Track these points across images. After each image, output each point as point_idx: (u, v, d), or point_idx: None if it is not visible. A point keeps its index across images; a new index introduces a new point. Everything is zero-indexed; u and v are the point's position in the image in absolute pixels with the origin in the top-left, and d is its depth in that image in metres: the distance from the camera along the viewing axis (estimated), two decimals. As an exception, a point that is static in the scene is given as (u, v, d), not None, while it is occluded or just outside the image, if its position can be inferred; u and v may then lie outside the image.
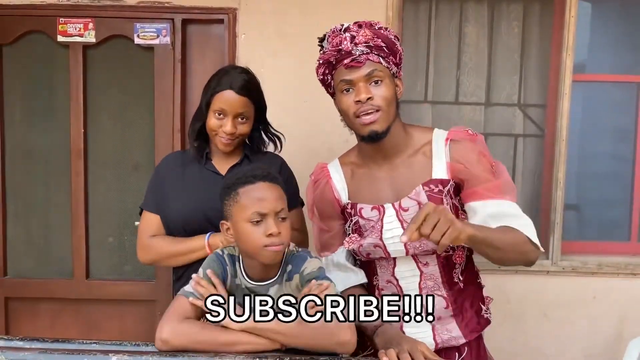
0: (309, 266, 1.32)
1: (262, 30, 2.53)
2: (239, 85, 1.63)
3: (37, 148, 2.70)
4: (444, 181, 1.43)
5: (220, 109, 1.62)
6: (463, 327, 1.49)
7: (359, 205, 1.49)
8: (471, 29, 2.70)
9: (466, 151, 1.43)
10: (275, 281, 1.34)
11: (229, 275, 1.35)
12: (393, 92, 1.42)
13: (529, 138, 2.75)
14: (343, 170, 1.56)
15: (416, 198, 1.43)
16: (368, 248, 1.46)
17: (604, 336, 2.70)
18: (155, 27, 2.57)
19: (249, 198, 1.27)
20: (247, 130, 1.68)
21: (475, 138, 1.46)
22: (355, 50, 1.38)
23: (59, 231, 2.73)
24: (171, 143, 2.62)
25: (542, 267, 2.63)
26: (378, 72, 1.39)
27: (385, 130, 1.40)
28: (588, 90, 2.81)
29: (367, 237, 1.46)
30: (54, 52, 2.63)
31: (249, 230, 1.27)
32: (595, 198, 2.84)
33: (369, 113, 1.38)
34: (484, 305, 1.56)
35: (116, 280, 2.72)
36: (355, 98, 1.38)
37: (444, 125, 2.63)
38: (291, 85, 2.52)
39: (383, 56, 1.40)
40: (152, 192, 1.75)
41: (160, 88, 2.61)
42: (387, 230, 1.44)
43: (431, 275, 1.47)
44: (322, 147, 2.51)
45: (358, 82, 1.39)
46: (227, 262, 1.36)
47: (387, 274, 1.50)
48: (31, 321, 2.78)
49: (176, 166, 1.74)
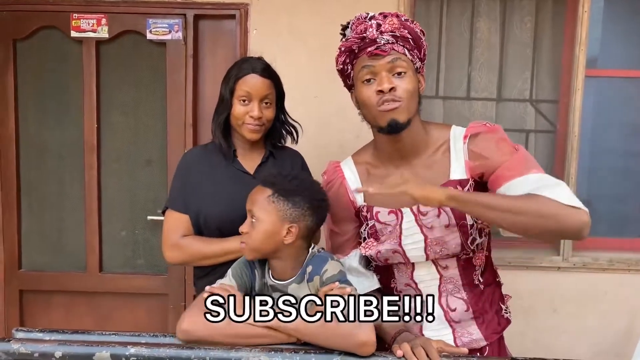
0: (330, 269, 1.31)
1: (274, 25, 2.54)
2: (261, 68, 1.66)
3: (51, 143, 2.72)
4: (463, 181, 1.37)
5: (246, 93, 1.63)
6: (484, 329, 1.45)
7: (375, 209, 1.43)
8: (483, 24, 2.69)
9: (484, 141, 1.37)
10: (294, 280, 1.35)
11: (257, 277, 1.38)
12: (416, 86, 1.36)
13: (540, 134, 2.74)
14: (358, 170, 1.49)
15: None
16: (386, 254, 1.41)
17: (614, 332, 2.69)
18: (168, 22, 2.58)
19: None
20: (272, 116, 1.68)
21: (493, 128, 1.40)
22: (381, 38, 1.32)
23: (72, 225, 2.75)
24: (183, 138, 2.63)
25: (553, 263, 2.63)
26: (402, 63, 1.33)
27: (406, 121, 1.34)
28: (599, 86, 2.80)
29: (384, 242, 1.41)
30: (67, 48, 2.65)
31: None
32: (607, 194, 2.83)
33: (390, 102, 1.32)
34: (503, 305, 1.53)
35: (129, 274, 2.74)
36: (378, 87, 1.32)
37: (455, 120, 2.67)
38: (302, 81, 2.53)
39: (408, 48, 1.34)
40: (179, 191, 1.70)
41: (172, 83, 2.62)
42: (406, 236, 1.38)
43: (451, 279, 1.43)
44: (333, 143, 2.51)
45: (381, 71, 1.32)
46: (256, 265, 1.39)
47: (406, 278, 1.46)
48: (45, 313, 2.81)
49: (202, 164, 1.71)
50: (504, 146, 1.36)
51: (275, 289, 1.36)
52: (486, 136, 1.38)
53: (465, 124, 2.44)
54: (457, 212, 1.35)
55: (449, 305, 1.44)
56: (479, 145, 1.37)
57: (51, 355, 1.21)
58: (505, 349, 1.54)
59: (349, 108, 2.49)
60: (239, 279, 1.37)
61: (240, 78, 1.64)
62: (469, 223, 1.36)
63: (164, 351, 1.22)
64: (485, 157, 1.35)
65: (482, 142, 1.37)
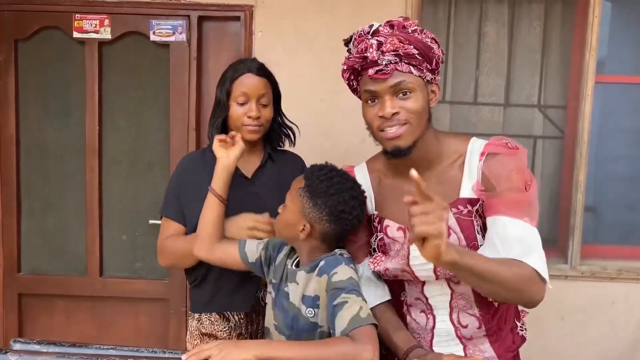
0: (340, 273, 1.28)
1: (279, 27, 2.50)
2: (257, 67, 1.64)
3: (52, 145, 2.69)
4: (473, 200, 1.29)
5: (243, 93, 1.60)
6: (497, 347, 1.39)
7: (385, 222, 1.38)
8: (491, 28, 2.65)
9: (499, 166, 1.27)
10: (303, 268, 1.35)
11: (283, 254, 1.43)
12: (423, 103, 1.28)
13: (548, 140, 2.71)
14: (370, 177, 1.44)
15: None
16: (395, 272, 1.36)
17: (622, 341, 2.66)
18: (171, 24, 2.54)
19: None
20: (270, 115, 1.66)
21: (515, 152, 1.29)
22: (382, 59, 1.24)
23: (73, 228, 2.72)
24: (186, 141, 2.60)
25: (561, 271, 2.59)
26: (407, 84, 1.25)
27: (410, 145, 1.27)
28: (606, 91, 2.76)
29: (393, 259, 1.35)
30: (70, 49, 2.62)
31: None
32: (616, 201, 2.79)
33: (393, 127, 1.26)
34: (519, 322, 1.47)
35: (130, 278, 2.71)
36: (379, 113, 1.26)
37: (461, 126, 2.63)
38: (307, 84, 2.49)
39: (415, 64, 1.25)
40: (172, 199, 1.68)
41: (176, 86, 2.59)
42: (415, 257, 1.30)
43: (463, 295, 1.36)
44: (338, 147, 2.48)
45: (384, 94, 1.26)
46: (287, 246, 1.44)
47: (416, 292, 1.40)
48: (45, 318, 2.78)
49: (197, 170, 1.67)
50: (517, 180, 1.26)
51: (289, 274, 1.39)
52: (503, 160, 1.28)
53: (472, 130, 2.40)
54: (466, 233, 1.29)
55: (460, 322, 1.38)
56: (493, 170, 1.28)
57: (49, 368, 1.18)
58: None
59: (354, 112, 2.47)
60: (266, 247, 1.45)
61: (236, 79, 1.62)
62: (480, 244, 1.29)
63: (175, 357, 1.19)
64: (493, 186, 1.26)
65: (496, 166, 1.28)
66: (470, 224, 1.29)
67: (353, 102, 2.53)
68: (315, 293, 1.31)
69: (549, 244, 2.72)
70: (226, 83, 1.64)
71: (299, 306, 1.33)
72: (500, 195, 1.25)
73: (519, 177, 1.26)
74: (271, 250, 1.45)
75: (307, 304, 1.32)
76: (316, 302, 1.31)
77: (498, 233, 1.22)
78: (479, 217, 1.30)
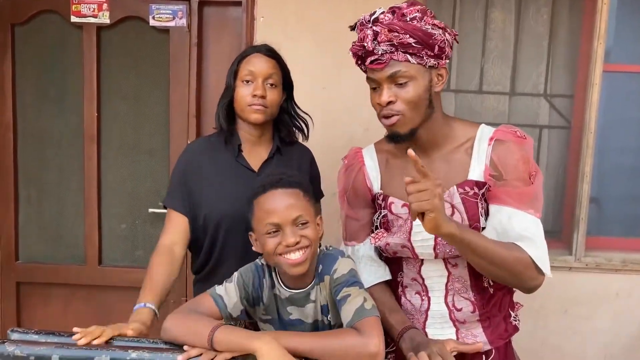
0: (340, 268, 1.27)
1: (281, 13, 2.45)
2: (266, 48, 1.62)
3: (50, 132, 2.65)
4: (480, 183, 1.33)
5: (249, 72, 1.57)
6: (489, 333, 1.41)
7: (389, 199, 1.41)
8: (497, 15, 2.60)
9: (507, 153, 1.33)
10: (313, 285, 1.30)
11: (266, 287, 1.33)
12: (422, 90, 1.30)
13: (554, 130, 2.67)
14: (378, 158, 1.48)
15: (450, 200, 1.33)
16: (395, 247, 1.39)
17: (626, 334, 2.64)
18: (171, 8, 2.49)
19: (262, 210, 1.25)
20: (277, 99, 1.61)
21: (522, 141, 1.35)
22: (378, 49, 1.27)
23: (71, 216, 2.69)
24: (186, 129, 2.56)
25: (565, 263, 2.56)
26: (403, 73, 1.28)
27: (407, 133, 1.32)
28: (612, 80, 2.71)
29: (394, 234, 1.39)
30: (67, 33, 2.57)
31: (266, 241, 1.25)
32: (621, 193, 2.75)
33: (389, 116, 1.31)
34: (513, 312, 1.49)
35: (128, 267, 2.68)
36: (377, 100, 1.32)
37: (466, 115, 2.59)
38: (309, 71, 2.45)
39: (412, 53, 1.27)
40: (178, 189, 1.61)
41: (176, 72, 2.55)
42: (417, 233, 1.34)
43: (459, 278, 1.39)
44: (341, 136, 2.44)
45: (382, 83, 1.30)
46: (265, 273, 1.33)
47: (413, 272, 1.42)
48: (43, 306, 2.76)
49: (204, 158, 1.63)
50: (523, 169, 1.32)
51: (292, 301, 1.31)
52: (511, 148, 1.33)
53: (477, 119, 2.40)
54: (470, 213, 1.33)
55: (455, 305, 1.40)
56: (501, 156, 1.33)
57: (48, 358, 1.16)
58: (512, 354, 1.51)
59: (358, 100, 2.45)
60: (243, 290, 1.31)
61: (244, 58, 1.60)
62: (482, 226, 1.33)
63: (167, 356, 1.16)
64: (500, 172, 1.32)
65: (505, 153, 1.33)
66: (474, 205, 1.32)
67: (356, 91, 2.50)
68: (326, 299, 1.30)
69: (553, 236, 2.71)
70: (234, 65, 1.61)
71: (319, 318, 1.32)
72: (506, 185, 1.30)
73: (525, 167, 1.32)
74: (252, 291, 1.32)
75: (325, 312, 1.31)
76: (329, 307, 1.31)
77: (502, 222, 1.29)
78: (484, 201, 1.34)
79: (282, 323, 1.34)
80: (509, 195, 1.30)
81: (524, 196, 1.30)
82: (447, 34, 1.32)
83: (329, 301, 1.30)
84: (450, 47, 1.34)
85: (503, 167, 1.31)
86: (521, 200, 1.30)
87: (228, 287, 1.31)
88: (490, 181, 1.33)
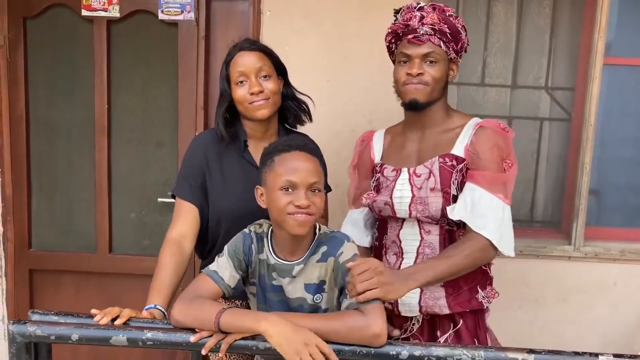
0: (346, 252, 1.32)
1: (288, 7, 2.49)
2: (248, 43, 1.64)
3: (61, 123, 2.70)
4: (459, 158, 1.57)
5: (240, 72, 1.59)
6: (451, 299, 1.57)
7: (384, 166, 1.68)
8: (500, 8, 2.63)
9: (485, 139, 1.55)
10: (302, 261, 1.33)
11: (253, 252, 1.36)
12: (444, 74, 1.59)
13: (555, 122, 2.70)
14: (385, 136, 1.77)
15: (430, 167, 1.57)
16: (380, 204, 1.63)
17: (624, 322, 2.68)
18: (180, 2, 2.54)
19: (283, 166, 1.29)
20: (275, 87, 1.62)
21: (503, 132, 1.58)
22: (421, 29, 1.54)
23: (82, 205, 2.75)
24: (194, 121, 2.61)
25: (564, 252, 2.61)
26: (435, 54, 1.55)
27: (424, 102, 1.57)
28: (612, 73, 2.74)
29: (381, 194, 1.63)
30: (78, 27, 2.61)
31: (278, 197, 1.28)
32: (620, 184, 2.79)
33: (416, 84, 1.55)
34: (482, 291, 1.61)
35: (138, 255, 2.74)
36: (408, 70, 1.56)
37: (468, 107, 2.63)
38: (315, 65, 2.49)
39: (444, 41, 1.56)
40: (187, 179, 1.65)
41: (184, 65, 2.59)
42: (397, 190, 1.60)
43: (430, 243, 1.59)
44: (344, 128, 2.49)
45: (415, 57, 1.55)
46: (253, 239, 1.37)
47: (394, 234, 1.65)
48: (55, 293, 2.83)
49: (211, 151, 1.66)
50: (497, 154, 1.54)
51: (276, 268, 1.34)
52: (490, 135, 1.56)
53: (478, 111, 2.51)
54: (443, 178, 1.55)
55: None
56: (480, 139, 1.56)
57: (67, 338, 1.22)
58: (484, 327, 1.64)
59: (362, 93, 2.50)
60: (235, 259, 1.35)
61: (230, 61, 1.62)
62: (453, 193, 1.55)
63: (181, 336, 1.22)
64: (476, 152, 1.54)
65: (483, 137, 1.56)
66: (448, 173, 1.55)
67: (360, 84, 2.55)
68: (320, 279, 1.33)
69: (552, 226, 2.76)
70: (223, 70, 1.63)
71: (303, 296, 1.34)
72: (482, 168, 1.52)
73: (499, 153, 1.54)
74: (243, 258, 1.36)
75: (313, 292, 1.34)
76: (322, 287, 1.34)
77: (473, 199, 1.50)
78: (459, 175, 1.55)
79: (262, 287, 1.37)
80: (483, 178, 1.51)
81: (496, 181, 1.51)
82: (467, 37, 1.63)
83: (326, 282, 1.33)
84: (465, 49, 1.64)
85: (479, 148, 1.54)
86: (493, 184, 1.51)
87: (220, 261, 1.35)
88: (468, 159, 1.55)
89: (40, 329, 1.23)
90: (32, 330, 1.22)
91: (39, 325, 1.24)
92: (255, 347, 1.19)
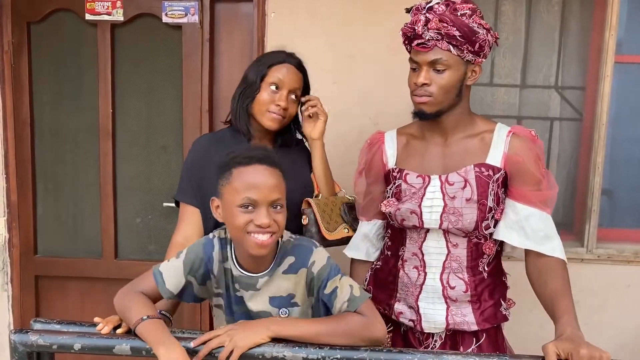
0: (318, 260, 1.26)
1: (292, 9, 2.47)
2: (298, 61, 1.67)
3: (66, 127, 2.69)
4: (496, 169, 1.47)
5: (278, 80, 1.61)
6: (478, 314, 1.50)
7: (405, 171, 1.54)
8: (508, 7, 2.60)
9: (526, 148, 1.46)
10: (266, 274, 1.26)
11: (216, 260, 1.29)
12: (455, 80, 1.44)
13: (566, 122, 2.66)
14: (397, 139, 1.62)
15: (464, 176, 1.47)
16: (405, 213, 1.50)
17: (637, 325, 2.63)
18: (184, 5, 2.52)
19: (242, 181, 1.18)
20: (295, 112, 1.67)
21: (536, 140, 1.50)
22: (426, 34, 1.41)
23: (87, 211, 2.74)
24: (199, 124, 2.59)
25: (577, 254, 2.56)
26: (443, 61, 1.42)
27: (433, 113, 1.47)
28: (624, 72, 2.70)
29: (407, 201, 1.50)
30: (82, 31, 2.60)
31: (236, 214, 1.18)
32: (633, 184, 2.74)
33: (421, 95, 1.46)
34: (504, 303, 1.56)
35: (144, 260, 2.72)
36: (414, 80, 1.47)
37: (477, 107, 2.59)
38: (320, 66, 2.45)
39: (455, 44, 1.41)
40: (188, 183, 1.65)
41: (188, 68, 2.57)
42: (428, 199, 1.48)
43: (457, 257, 1.50)
44: (351, 130, 2.46)
45: (422, 65, 1.44)
46: (216, 246, 1.29)
47: (415, 247, 1.53)
48: (61, 299, 2.81)
49: (211, 152, 1.65)
50: (539, 165, 1.47)
51: (238, 280, 1.28)
52: (528, 144, 1.47)
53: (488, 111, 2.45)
54: (480, 190, 1.45)
55: (449, 282, 1.50)
56: (520, 147, 1.47)
57: (70, 347, 1.20)
58: (503, 340, 1.60)
59: (368, 95, 2.47)
60: (189, 266, 1.28)
61: (274, 65, 1.63)
62: (489, 205, 1.46)
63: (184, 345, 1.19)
64: (523, 160, 1.45)
65: (524, 145, 1.47)
66: (486, 184, 1.46)
67: (367, 85, 2.51)
68: (288, 292, 1.27)
69: (565, 228, 2.71)
70: (262, 67, 1.64)
71: (267, 309, 1.27)
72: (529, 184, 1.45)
73: (541, 164, 1.47)
74: (201, 267, 1.29)
75: (278, 305, 1.27)
76: (290, 301, 1.27)
77: (529, 223, 1.45)
78: (495, 185, 1.47)
79: (229, 298, 1.30)
80: (534, 195, 1.45)
81: (549, 198, 1.47)
82: (490, 35, 1.47)
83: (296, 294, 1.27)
84: (489, 48, 1.48)
85: (525, 157, 1.45)
86: (546, 202, 1.46)
87: (173, 263, 1.29)
88: (508, 170, 1.47)
89: (43, 338, 1.21)
90: (34, 340, 1.20)
91: (41, 335, 1.21)
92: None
